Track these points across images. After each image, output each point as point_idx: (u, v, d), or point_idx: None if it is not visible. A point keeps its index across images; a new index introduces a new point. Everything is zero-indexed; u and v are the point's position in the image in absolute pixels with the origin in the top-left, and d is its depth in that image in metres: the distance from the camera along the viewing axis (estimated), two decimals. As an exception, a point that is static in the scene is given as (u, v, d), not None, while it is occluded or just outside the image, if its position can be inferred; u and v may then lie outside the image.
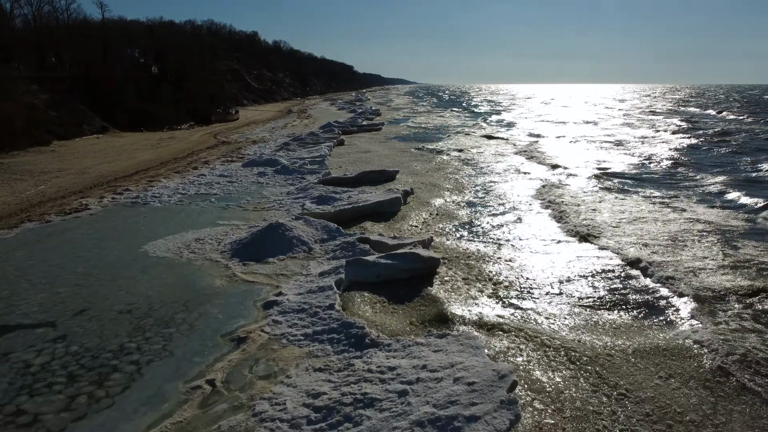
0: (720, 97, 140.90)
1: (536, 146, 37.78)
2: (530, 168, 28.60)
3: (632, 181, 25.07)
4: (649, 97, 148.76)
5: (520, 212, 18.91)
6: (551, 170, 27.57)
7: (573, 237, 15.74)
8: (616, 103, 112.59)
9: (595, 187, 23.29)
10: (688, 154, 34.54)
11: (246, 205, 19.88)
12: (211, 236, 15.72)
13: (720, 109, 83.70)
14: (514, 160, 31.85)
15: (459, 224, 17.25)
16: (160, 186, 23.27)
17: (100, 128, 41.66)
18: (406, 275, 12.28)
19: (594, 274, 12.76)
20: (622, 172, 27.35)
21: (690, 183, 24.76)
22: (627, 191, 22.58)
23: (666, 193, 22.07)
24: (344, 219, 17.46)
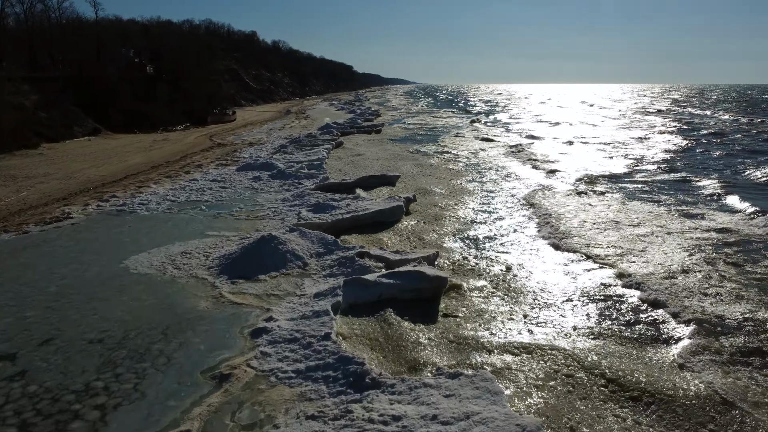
0: (716, 98, 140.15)
1: (530, 149, 36.81)
2: (525, 173, 27.28)
3: (630, 186, 23.80)
4: (646, 97, 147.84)
5: (520, 224, 17.78)
6: (546, 176, 26.30)
7: (575, 255, 14.52)
8: (612, 103, 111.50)
9: (592, 196, 21.72)
10: (680, 156, 33.50)
11: (238, 213, 18.75)
12: (198, 249, 14.58)
13: (716, 109, 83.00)
14: (507, 163, 30.57)
15: (463, 237, 16.11)
16: (149, 192, 22.13)
17: (92, 130, 40.50)
18: (410, 296, 11.15)
19: (609, 301, 11.62)
20: (618, 176, 26.33)
21: (682, 187, 23.62)
22: (627, 198, 21.31)
23: (668, 200, 20.80)
24: (342, 229, 16.34)
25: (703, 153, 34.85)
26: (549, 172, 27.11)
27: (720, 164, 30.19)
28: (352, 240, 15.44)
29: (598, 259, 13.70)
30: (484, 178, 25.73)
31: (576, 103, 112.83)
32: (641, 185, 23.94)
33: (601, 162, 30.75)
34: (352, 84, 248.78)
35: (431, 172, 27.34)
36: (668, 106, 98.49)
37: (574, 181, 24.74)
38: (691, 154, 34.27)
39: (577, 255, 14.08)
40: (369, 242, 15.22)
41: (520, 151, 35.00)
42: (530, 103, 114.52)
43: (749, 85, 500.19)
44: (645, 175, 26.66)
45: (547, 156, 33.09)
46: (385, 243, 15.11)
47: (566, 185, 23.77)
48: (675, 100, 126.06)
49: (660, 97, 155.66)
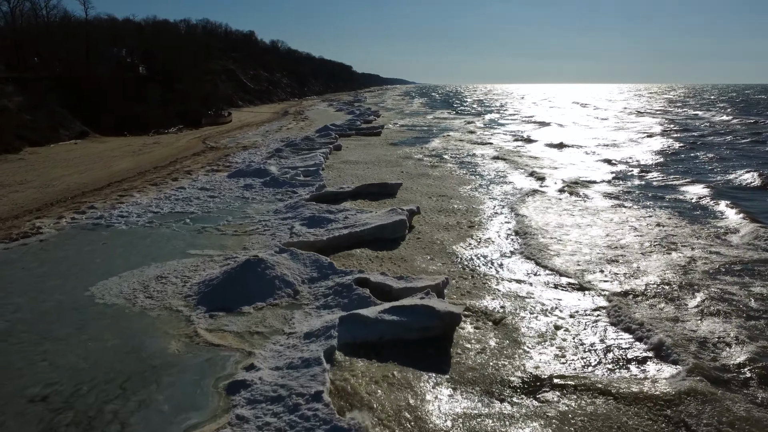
0: (713, 98, 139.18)
1: (522, 151, 35.72)
2: (519, 179, 25.68)
3: (620, 192, 22.37)
4: (642, 98, 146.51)
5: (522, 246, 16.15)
6: (538, 182, 24.84)
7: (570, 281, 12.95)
8: (606, 104, 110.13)
9: (582, 205, 20.30)
10: (670, 159, 32.25)
11: (225, 227, 17.09)
12: (176, 272, 12.94)
13: (711, 110, 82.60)
14: (505, 172, 28.83)
15: (472, 258, 14.47)
16: (131, 202, 20.47)
17: (79, 133, 38.83)
18: (417, 335, 9.52)
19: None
20: (605, 181, 25.18)
21: (669, 194, 22.32)
22: (618, 206, 19.83)
23: (650, 209, 19.38)
24: (339, 247, 14.71)
25: (692, 156, 33.73)
26: (539, 179, 25.62)
27: (706, 168, 29.39)
28: (350, 261, 13.80)
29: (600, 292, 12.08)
30: (484, 185, 24.11)
31: (570, 104, 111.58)
32: (630, 193, 22.55)
33: (588, 167, 29.42)
34: (351, 84, 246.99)
35: (433, 182, 25.71)
36: (663, 107, 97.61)
37: (561, 187, 23.31)
38: (680, 158, 33.11)
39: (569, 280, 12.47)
40: (369, 264, 13.58)
41: (510, 156, 33.41)
42: (526, 104, 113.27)
43: (747, 84, 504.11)
44: (631, 180, 25.41)
45: (537, 160, 31.99)
46: (387, 265, 13.45)
47: (553, 193, 22.37)
48: (671, 101, 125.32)
49: (656, 97, 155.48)
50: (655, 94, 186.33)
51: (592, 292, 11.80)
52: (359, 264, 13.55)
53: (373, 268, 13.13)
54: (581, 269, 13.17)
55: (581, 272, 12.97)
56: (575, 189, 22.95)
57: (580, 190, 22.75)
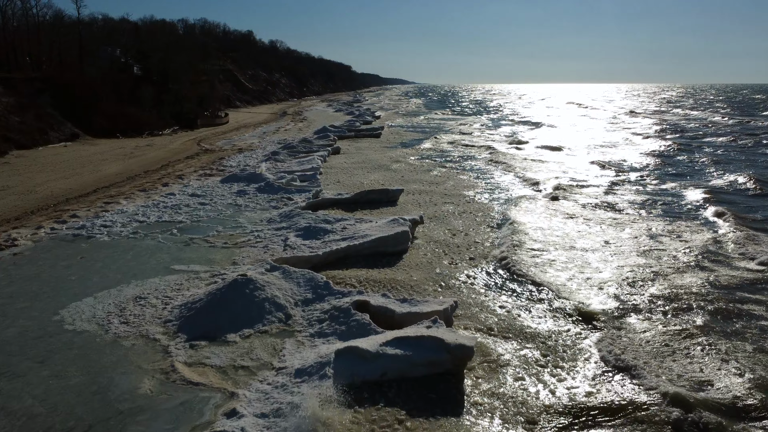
0: (710, 98, 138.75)
1: (515, 154, 34.75)
2: (513, 186, 24.47)
3: (610, 199, 21.25)
4: (638, 98, 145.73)
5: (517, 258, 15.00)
6: (531, 188, 23.73)
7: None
8: (603, 104, 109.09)
9: (581, 216, 19.23)
10: (660, 162, 31.30)
11: (215, 238, 15.92)
12: (158, 292, 11.78)
13: (706, 110, 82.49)
14: (494, 172, 27.94)
15: (480, 274, 13.31)
16: (117, 210, 19.29)
17: (69, 135, 37.65)
18: (424, 371, 8.37)
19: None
20: (595, 186, 24.32)
21: (658, 201, 21.31)
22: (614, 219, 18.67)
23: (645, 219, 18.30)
24: (337, 262, 13.55)
25: (684, 159, 32.99)
26: (533, 184, 24.46)
27: (699, 171, 28.57)
28: (348, 279, 12.63)
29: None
30: (482, 190, 22.96)
31: (566, 105, 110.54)
32: (622, 201, 21.48)
33: (579, 170, 28.36)
34: (350, 84, 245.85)
35: (433, 187, 24.55)
36: (658, 107, 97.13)
37: (554, 195, 22.19)
38: (671, 161, 32.26)
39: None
40: (369, 282, 12.40)
41: (502, 159, 32.20)
42: (522, 104, 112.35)
43: (744, 84, 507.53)
44: (622, 186, 24.33)
45: (530, 163, 31.05)
46: (389, 283, 12.28)
47: (546, 202, 21.12)
48: (668, 101, 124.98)
49: (653, 97, 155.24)
50: (652, 94, 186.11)
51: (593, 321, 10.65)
52: (358, 282, 12.39)
53: (373, 287, 11.98)
54: (584, 295, 12.03)
55: (585, 297, 11.82)
56: (566, 195, 21.92)
57: (572, 198, 21.62)
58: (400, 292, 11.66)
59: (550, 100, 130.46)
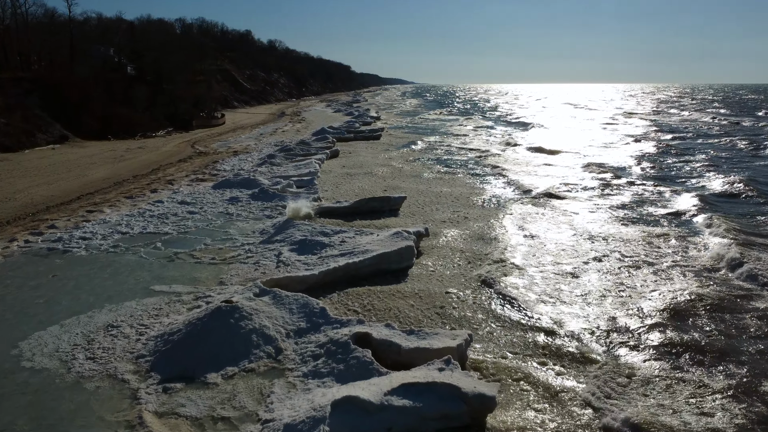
0: (708, 98, 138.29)
1: (507, 157, 33.71)
2: (504, 192, 23.15)
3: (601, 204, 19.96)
4: (635, 98, 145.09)
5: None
6: (523, 195, 22.44)
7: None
8: (599, 105, 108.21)
9: (563, 220, 18.15)
10: (651, 165, 30.26)
11: (202, 253, 14.62)
12: (133, 319, 10.48)
13: (701, 111, 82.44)
14: (487, 178, 26.67)
15: (493, 300, 12.02)
16: (99, 220, 17.98)
17: (58, 137, 36.33)
18: (436, 426, 7.08)
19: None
20: (585, 188, 23.55)
21: (646, 206, 20.31)
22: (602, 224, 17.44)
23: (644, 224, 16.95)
24: (334, 283, 12.25)
25: (675, 162, 32.01)
26: (525, 191, 23.06)
27: (691, 174, 27.66)
28: (347, 303, 11.32)
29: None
30: (481, 195, 21.69)
31: (563, 105, 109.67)
32: (612, 204, 20.67)
33: (570, 175, 27.14)
34: (350, 84, 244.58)
35: (433, 194, 23.26)
36: (654, 108, 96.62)
37: (545, 201, 21.27)
38: (664, 164, 31.21)
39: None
40: (370, 307, 11.09)
41: (494, 163, 30.98)
42: (518, 104, 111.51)
43: (742, 84, 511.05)
44: (613, 190, 23.31)
45: (522, 166, 29.93)
46: (393, 309, 10.97)
47: (537, 209, 20.02)
48: (664, 101, 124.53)
49: (650, 97, 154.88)
50: (649, 94, 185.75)
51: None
52: (360, 307, 11.08)
53: (375, 314, 10.68)
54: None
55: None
56: (557, 203, 20.80)
57: (562, 205, 20.46)
58: (405, 320, 10.36)
59: (546, 101, 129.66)
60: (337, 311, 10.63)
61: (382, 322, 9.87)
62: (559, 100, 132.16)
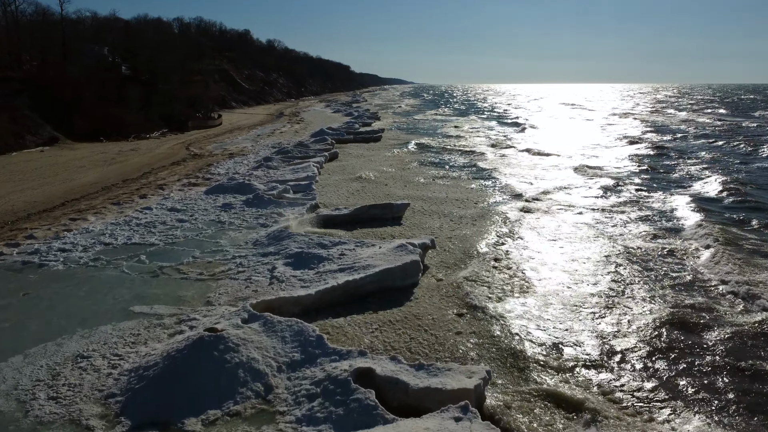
0: (705, 98, 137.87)
1: (502, 159, 32.71)
2: (496, 197, 22.13)
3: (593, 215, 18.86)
4: (632, 98, 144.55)
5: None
6: (514, 200, 21.48)
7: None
8: (596, 105, 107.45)
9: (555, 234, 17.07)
10: (641, 169, 29.19)
11: (189, 267, 13.47)
12: (106, 347, 9.34)
13: (697, 111, 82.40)
14: (480, 181, 25.68)
15: (512, 327, 10.89)
16: (81, 229, 16.82)
17: (48, 139, 35.15)
18: (453, 491, 5.93)
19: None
20: (575, 190, 22.47)
21: (644, 213, 19.30)
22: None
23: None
24: (332, 303, 11.11)
25: (667, 164, 31.22)
26: (515, 196, 22.17)
27: (684, 177, 26.84)
28: (347, 328, 10.17)
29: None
30: (472, 201, 20.56)
31: (560, 105, 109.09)
32: (602, 210, 19.76)
33: (562, 179, 26.14)
34: (349, 84, 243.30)
35: (443, 205, 22.13)
36: (651, 108, 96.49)
37: (533, 205, 20.42)
38: (657, 166, 30.29)
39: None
40: (373, 334, 9.94)
41: (487, 166, 29.93)
42: (515, 105, 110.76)
43: (740, 84, 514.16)
44: (604, 194, 22.44)
45: (515, 169, 29.05)
46: (398, 337, 9.81)
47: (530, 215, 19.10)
48: (661, 101, 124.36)
49: (647, 97, 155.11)
50: (647, 94, 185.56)
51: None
52: (361, 334, 9.93)
53: (379, 342, 9.53)
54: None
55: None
56: (549, 208, 19.94)
57: (554, 212, 19.43)
58: (413, 349, 9.21)
59: (543, 101, 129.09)
60: (336, 339, 9.49)
61: (386, 353, 8.74)
62: (556, 101, 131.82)
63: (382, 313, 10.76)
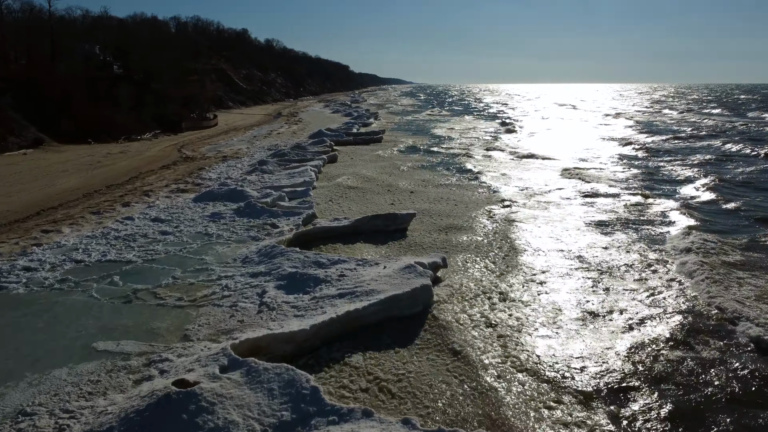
0: (697, 98, 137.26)
1: (490, 163, 31.01)
2: (483, 202, 20.73)
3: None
4: (628, 98, 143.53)
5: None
6: (501, 207, 19.89)
7: None
8: (591, 105, 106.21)
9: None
10: (640, 172, 27.85)
11: (168, 290, 11.84)
12: (56, 400, 7.71)
13: (695, 111, 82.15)
14: (471, 185, 24.22)
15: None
16: (53, 243, 15.17)
17: (33, 141, 33.49)
18: None
19: None
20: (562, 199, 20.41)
21: (633, 224, 17.68)
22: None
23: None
24: (331, 339, 9.49)
25: (656, 166, 30.15)
26: (500, 201, 20.79)
27: (673, 179, 25.98)
28: (349, 373, 8.52)
29: None
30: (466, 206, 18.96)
31: (556, 105, 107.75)
32: (589, 218, 18.36)
33: (550, 183, 24.65)
34: (348, 84, 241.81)
35: (450, 214, 20.53)
36: (649, 107, 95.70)
37: (517, 212, 19.10)
38: (648, 169, 29.08)
39: None
40: (380, 384, 8.28)
41: (477, 169, 28.34)
42: (511, 105, 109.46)
43: (738, 84, 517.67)
44: (592, 200, 21.09)
45: (505, 173, 27.46)
46: (411, 387, 8.13)
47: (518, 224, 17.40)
48: (658, 101, 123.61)
49: (643, 97, 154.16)
50: (644, 93, 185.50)
51: None
52: (366, 381, 8.28)
53: (387, 395, 7.89)
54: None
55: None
56: (535, 216, 18.46)
57: (541, 221, 17.90)
58: (430, 407, 7.57)
59: (539, 101, 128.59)
60: (335, 390, 7.86)
61: (397, 412, 7.10)
62: (551, 100, 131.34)
63: (391, 354, 9.11)
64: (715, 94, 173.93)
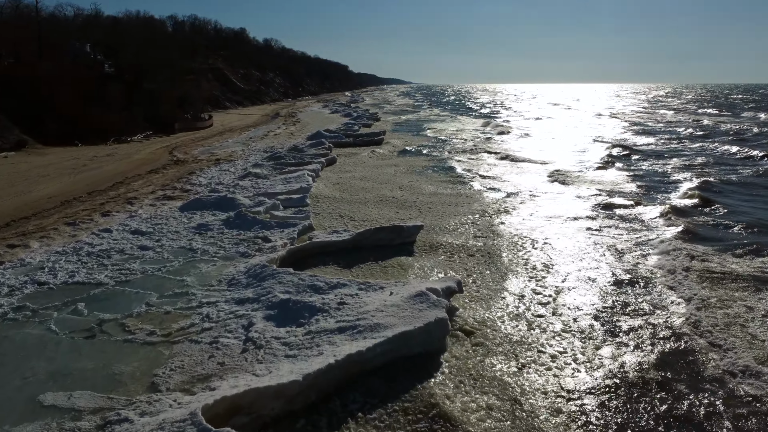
0: (694, 98, 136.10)
1: (482, 167, 29.25)
2: (476, 209, 19.16)
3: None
4: (625, 98, 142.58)
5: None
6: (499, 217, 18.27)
7: None
8: (587, 106, 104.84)
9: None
10: (633, 176, 26.47)
11: (139, 321, 10.17)
12: (-22, 483, 6.05)
13: (692, 111, 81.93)
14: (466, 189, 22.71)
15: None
16: (17, 260, 13.49)
17: (15, 143, 31.79)
18: None
19: None
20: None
21: (623, 232, 16.43)
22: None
23: None
24: (328, 391, 7.82)
25: (647, 168, 29.18)
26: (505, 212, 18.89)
27: (666, 182, 24.85)
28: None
29: None
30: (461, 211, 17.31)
31: (551, 105, 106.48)
32: (578, 227, 16.88)
33: (538, 188, 23.14)
34: (347, 84, 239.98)
35: (460, 226, 18.87)
36: (646, 107, 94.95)
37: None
38: (642, 171, 28.00)
39: None
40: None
41: (470, 173, 26.85)
42: (508, 104, 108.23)
43: (736, 84, 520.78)
44: (583, 206, 19.74)
45: (496, 176, 26.24)
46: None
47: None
48: (655, 101, 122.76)
49: (640, 96, 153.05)
50: (641, 93, 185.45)
51: None
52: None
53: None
54: None
55: None
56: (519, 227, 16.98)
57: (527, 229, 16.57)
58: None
59: (535, 101, 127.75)
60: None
61: None
62: (548, 100, 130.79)
63: (398, 403, 7.44)
64: (710, 92, 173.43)
